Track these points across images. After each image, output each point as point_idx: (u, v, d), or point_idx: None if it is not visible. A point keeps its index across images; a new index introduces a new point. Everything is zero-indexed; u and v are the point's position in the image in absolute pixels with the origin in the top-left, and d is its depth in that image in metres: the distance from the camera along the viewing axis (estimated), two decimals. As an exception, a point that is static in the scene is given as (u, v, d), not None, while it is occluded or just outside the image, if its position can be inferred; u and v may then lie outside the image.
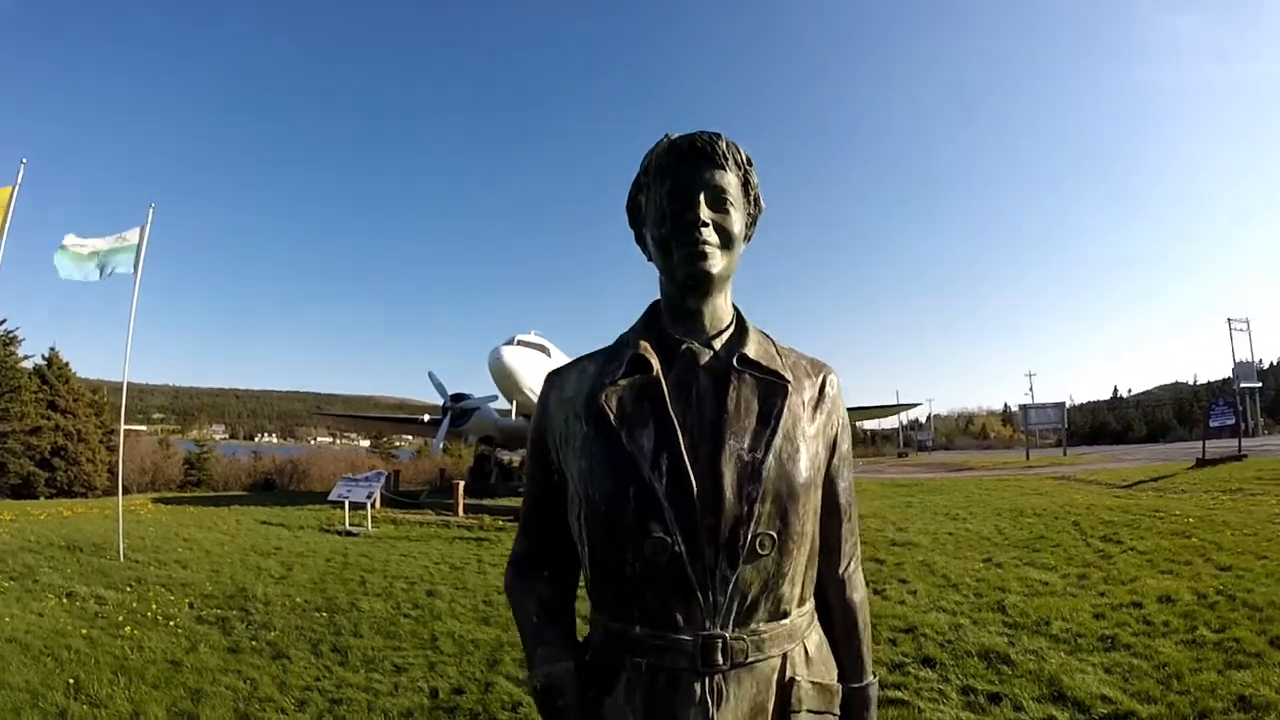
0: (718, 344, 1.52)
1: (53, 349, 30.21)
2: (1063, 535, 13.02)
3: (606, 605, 1.46)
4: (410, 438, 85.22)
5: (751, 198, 1.56)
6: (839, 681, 1.55)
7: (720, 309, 1.55)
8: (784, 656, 1.43)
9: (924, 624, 7.86)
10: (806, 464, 1.45)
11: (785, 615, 1.44)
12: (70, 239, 11.99)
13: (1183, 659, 6.31)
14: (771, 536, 1.38)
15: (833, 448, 1.59)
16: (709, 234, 1.45)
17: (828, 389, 1.60)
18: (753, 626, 1.39)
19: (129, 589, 9.76)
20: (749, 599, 1.38)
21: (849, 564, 1.66)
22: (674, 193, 1.47)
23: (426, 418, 30.74)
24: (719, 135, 1.49)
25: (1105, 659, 6.53)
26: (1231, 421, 30.01)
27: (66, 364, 29.59)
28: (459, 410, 26.94)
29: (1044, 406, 61.62)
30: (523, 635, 1.62)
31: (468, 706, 6.00)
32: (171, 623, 8.18)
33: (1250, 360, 60.61)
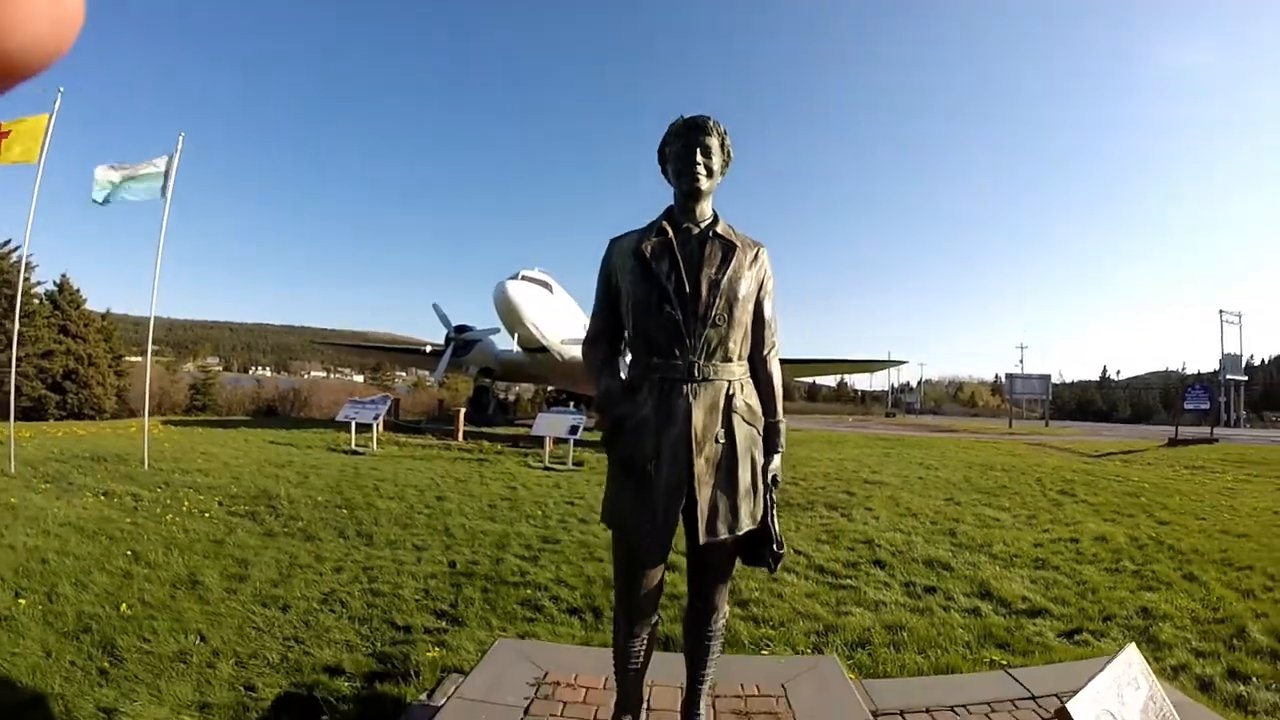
0: (703, 225, 2.87)
1: (64, 275, 30.59)
2: (1023, 487, 14.10)
3: (639, 350, 2.84)
4: (404, 374, 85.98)
5: (725, 151, 2.85)
6: (762, 415, 2.95)
7: (705, 208, 2.89)
8: (728, 382, 2.80)
9: (881, 539, 9.05)
10: (743, 287, 2.80)
11: (729, 360, 2.81)
12: (101, 170, 12.47)
13: (1101, 580, 7.50)
14: (723, 317, 2.75)
15: (760, 284, 2.92)
16: (700, 170, 2.78)
17: (760, 255, 2.94)
18: (713, 363, 2.77)
19: (160, 489, 10.50)
20: (711, 347, 2.75)
21: (768, 350, 2.99)
22: (683, 147, 2.79)
23: (429, 348, 31.25)
24: (709, 116, 2.79)
25: (1033, 574, 7.73)
26: (1206, 406, 31.01)
27: (77, 290, 30.05)
28: (462, 341, 27.30)
29: (1030, 377, 62.62)
30: (595, 372, 3.04)
31: (482, 573, 7.03)
32: (206, 515, 8.97)
33: (1239, 353, 61.65)
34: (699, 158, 2.75)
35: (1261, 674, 5.00)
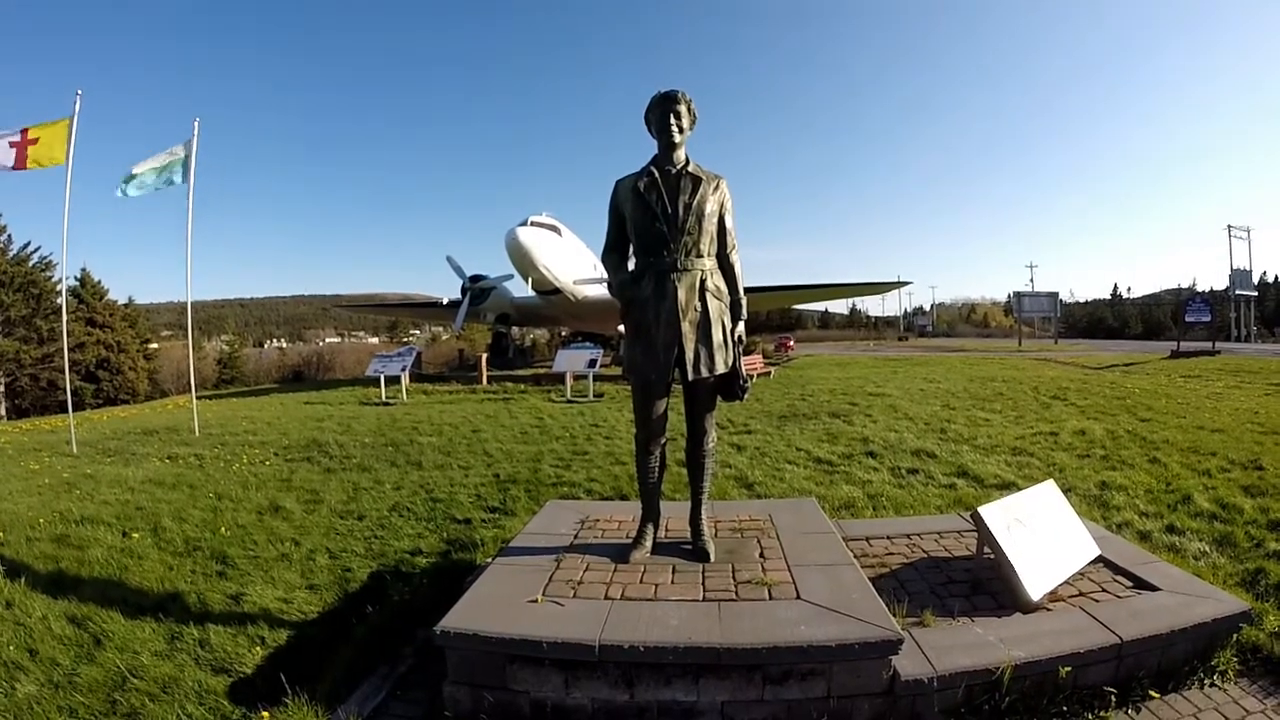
0: (679, 167, 4.01)
1: (84, 269, 31.57)
2: (1018, 394, 14.94)
3: (639, 252, 4.06)
4: (417, 331, 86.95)
5: (692, 114, 4.02)
6: (728, 294, 4.22)
7: (680, 155, 4.03)
8: (701, 271, 4.03)
9: (876, 437, 10.13)
10: (708, 207, 4.00)
11: (700, 256, 4.03)
12: (135, 169, 13.07)
13: (1070, 462, 8.48)
14: (694, 228, 3.97)
15: (720, 205, 4.08)
16: (674, 129, 3.94)
17: (721, 184, 4.10)
18: (690, 259, 3.99)
19: (218, 448, 11.36)
20: (687, 248, 3.98)
21: (729, 250, 4.18)
22: (661, 114, 3.94)
23: (446, 300, 31.67)
24: (678, 90, 3.97)
25: (1010, 459, 8.75)
26: (1207, 319, 30.94)
27: (98, 281, 31.03)
28: (477, 290, 27.96)
29: (1038, 295, 61.58)
30: (612, 270, 4.20)
31: (523, 479, 8.08)
32: (266, 463, 9.89)
33: (1248, 269, 59.73)
34: (673, 121, 3.93)
35: (1197, 530, 5.82)
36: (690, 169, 4.00)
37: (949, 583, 4.29)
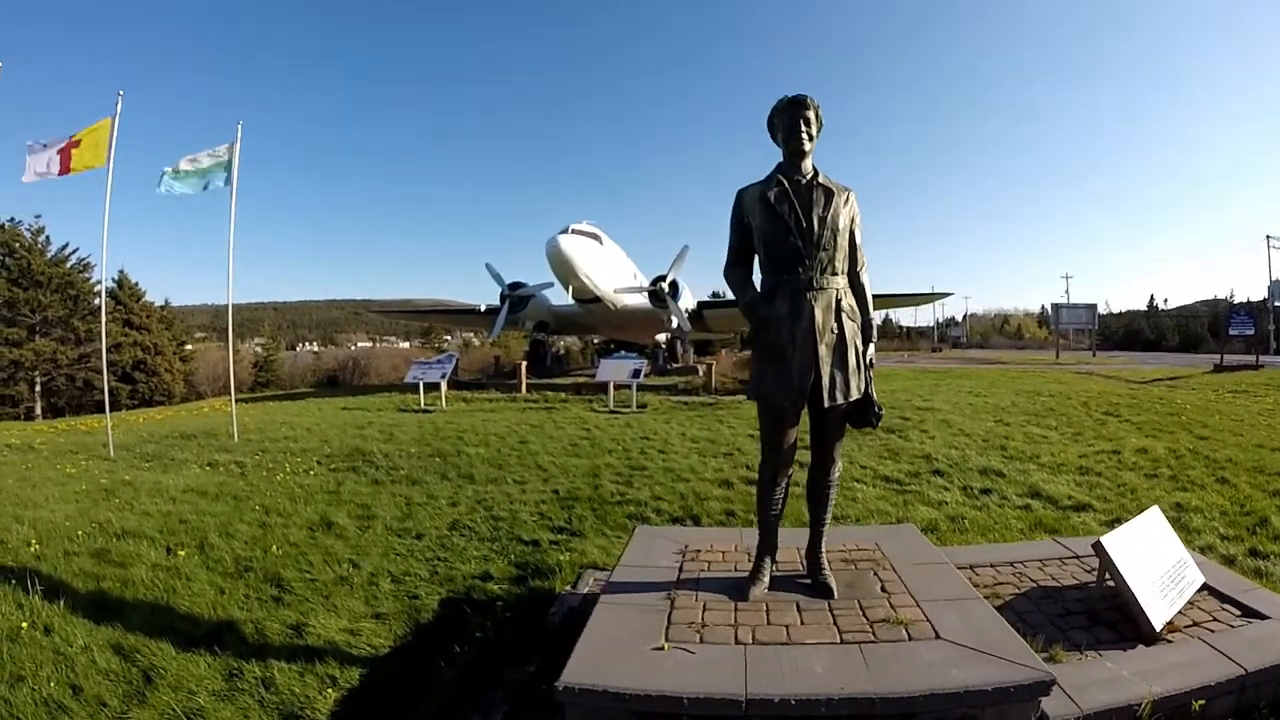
0: (808, 177, 3.77)
1: (121, 271, 31.79)
2: (1069, 409, 14.27)
3: (771, 269, 3.81)
4: (450, 336, 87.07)
5: (819, 120, 3.80)
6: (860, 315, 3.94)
7: (807, 164, 3.80)
8: (836, 289, 3.77)
9: (937, 454, 9.69)
10: (841, 221, 3.76)
11: (836, 274, 3.78)
12: (168, 167, 12.90)
13: (1140, 482, 8.16)
14: (830, 243, 3.72)
15: (852, 219, 3.86)
16: (804, 136, 3.73)
17: (850, 197, 3.87)
18: (825, 276, 3.73)
19: (259, 456, 11.06)
20: (822, 265, 3.72)
21: (859, 268, 3.93)
22: (790, 119, 3.74)
23: (484, 307, 31.35)
24: (806, 95, 3.76)
25: (1078, 478, 8.40)
26: (1251, 332, 30.03)
27: (136, 284, 31.19)
28: (516, 297, 27.35)
29: (1076, 306, 60.44)
30: (739, 288, 4.00)
31: (584, 496, 7.64)
32: (311, 473, 9.53)
33: None
34: (802, 128, 3.73)
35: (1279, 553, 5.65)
36: (821, 180, 3.80)
37: (1066, 614, 4.19)
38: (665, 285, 25.77)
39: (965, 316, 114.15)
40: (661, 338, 31.78)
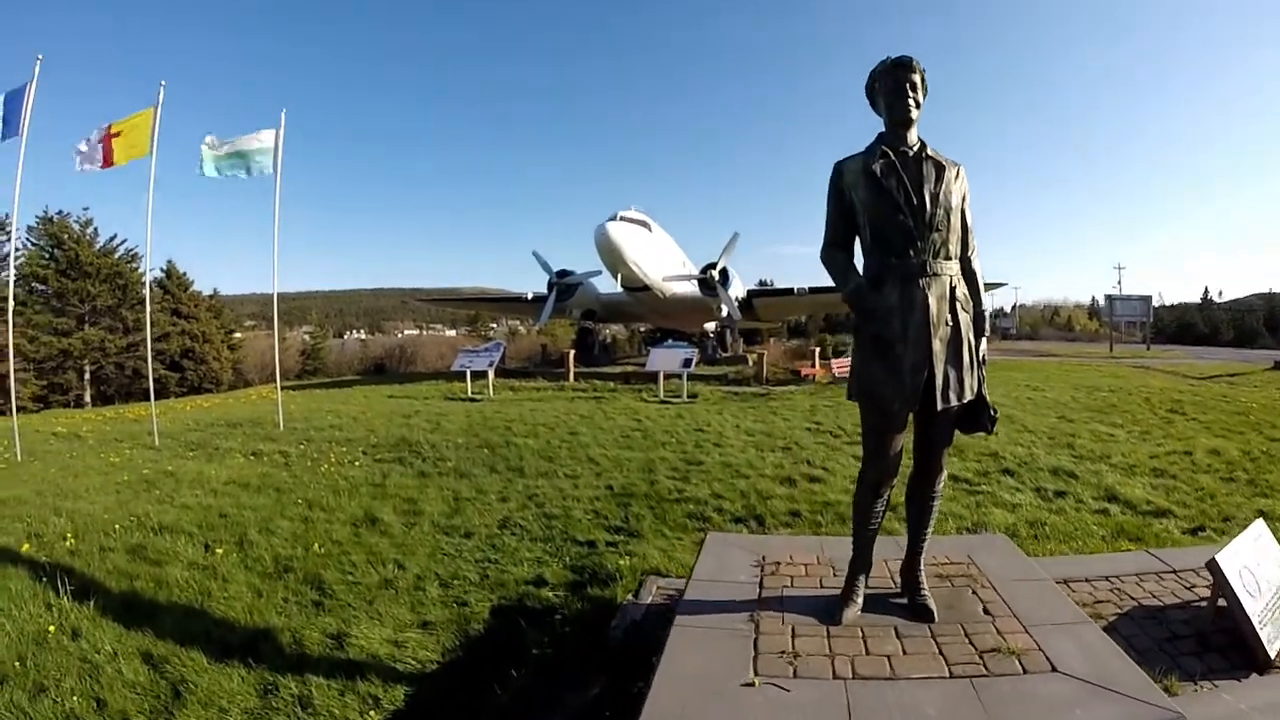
0: (915, 149, 3.32)
1: (169, 261, 32.24)
2: (1133, 406, 13.59)
3: (877, 252, 3.33)
4: (495, 325, 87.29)
5: (925, 86, 3.34)
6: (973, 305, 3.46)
7: (913, 135, 3.35)
8: (950, 276, 3.33)
9: (1004, 452, 9.16)
10: (954, 198, 3.31)
11: (950, 259, 3.33)
12: (210, 139, 12.72)
13: (1218, 487, 7.53)
14: (944, 223, 3.26)
15: (963, 196, 3.39)
16: (910, 102, 3.28)
17: (960, 172, 3.39)
18: (939, 261, 3.28)
19: (304, 445, 10.85)
20: (935, 247, 3.26)
21: (971, 251, 3.48)
22: (894, 83, 3.29)
23: (531, 295, 31.24)
24: (912, 57, 3.29)
25: (1154, 480, 7.83)
26: None
27: (184, 274, 31.65)
28: (564, 286, 27.29)
29: (1130, 298, 58.97)
30: (840, 273, 3.52)
31: (640, 493, 7.18)
32: (356, 464, 9.26)
33: None
34: (909, 92, 3.29)
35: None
36: (930, 152, 3.34)
37: (1173, 638, 3.80)
38: (715, 273, 25.38)
39: (1015, 307, 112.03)
40: (709, 326, 31.37)
